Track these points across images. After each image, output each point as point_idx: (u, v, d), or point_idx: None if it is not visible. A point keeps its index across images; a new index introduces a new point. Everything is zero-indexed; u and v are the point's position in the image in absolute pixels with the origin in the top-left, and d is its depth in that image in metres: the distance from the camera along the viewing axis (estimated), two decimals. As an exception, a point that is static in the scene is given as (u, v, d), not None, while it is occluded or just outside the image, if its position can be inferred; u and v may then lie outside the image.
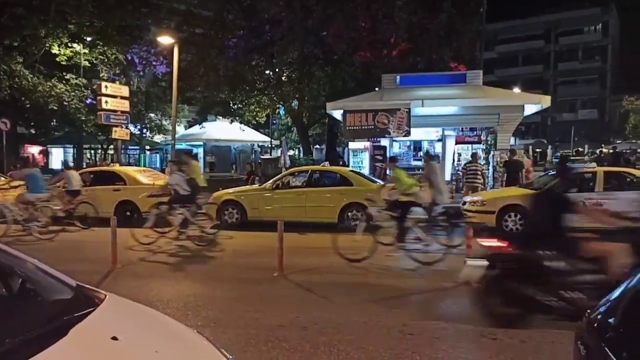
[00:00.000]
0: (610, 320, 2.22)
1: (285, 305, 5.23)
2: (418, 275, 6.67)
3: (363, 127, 14.91)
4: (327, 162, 14.31)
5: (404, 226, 7.48)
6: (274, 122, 35.92)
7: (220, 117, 28.49)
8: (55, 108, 20.25)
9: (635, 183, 9.44)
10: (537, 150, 47.08)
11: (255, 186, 12.26)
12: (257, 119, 26.12)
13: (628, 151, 38.30)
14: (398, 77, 16.90)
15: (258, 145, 35.28)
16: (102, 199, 11.29)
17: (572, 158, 31.80)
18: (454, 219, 8.14)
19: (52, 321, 1.97)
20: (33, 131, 28.23)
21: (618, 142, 41.38)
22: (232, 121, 26.49)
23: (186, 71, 20.49)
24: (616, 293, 2.36)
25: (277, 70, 22.72)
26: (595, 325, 2.23)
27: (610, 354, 1.93)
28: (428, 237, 7.48)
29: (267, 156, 29.26)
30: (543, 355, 3.89)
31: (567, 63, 54.40)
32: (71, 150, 31.75)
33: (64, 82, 20.71)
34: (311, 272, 6.86)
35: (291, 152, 32.71)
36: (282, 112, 29.82)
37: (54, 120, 26.17)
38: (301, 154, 28.53)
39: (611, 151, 28.73)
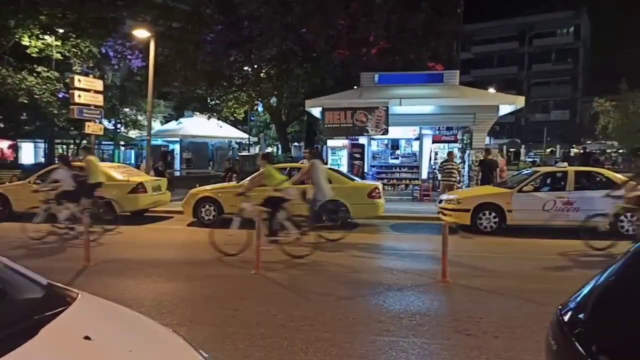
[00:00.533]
0: (580, 315, 2.29)
1: (262, 303, 5.21)
2: (396, 271, 6.73)
3: (342, 125, 14.95)
4: (306, 160, 14.28)
5: (275, 221, 7.75)
6: (252, 118, 35.71)
7: (198, 113, 28.08)
8: (25, 101, 19.61)
9: (604, 182, 9.74)
10: (511, 149, 48.08)
11: (233, 183, 12.17)
12: (235, 115, 25.87)
13: (598, 151, 39.50)
14: (377, 76, 16.99)
15: (236, 142, 35.00)
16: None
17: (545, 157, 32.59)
18: (333, 214, 8.67)
19: (22, 321, 1.91)
20: (2, 125, 27.31)
21: (588, 142, 42.55)
22: (209, 117, 26.18)
23: (163, 66, 20.13)
24: (585, 290, 2.43)
25: (255, 66, 22.54)
26: (566, 320, 2.29)
27: (580, 348, 1.99)
28: (295, 231, 7.75)
29: (245, 153, 29.05)
30: (515, 350, 3.98)
31: (541, 65, 55.62)
32: (42, 145, 30.88)
33: (34, 74, 20.07)
34: (288, 269, 6.86)
35: (269, 149, 32.59)
36: (260, 108, 29.66)
37: (24, 114, 25.38)
38: (279, 151, 28.42)
39: (582, 151, 29.55)
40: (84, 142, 25.49)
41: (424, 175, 15.96)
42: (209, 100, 25.20)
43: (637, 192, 7.77)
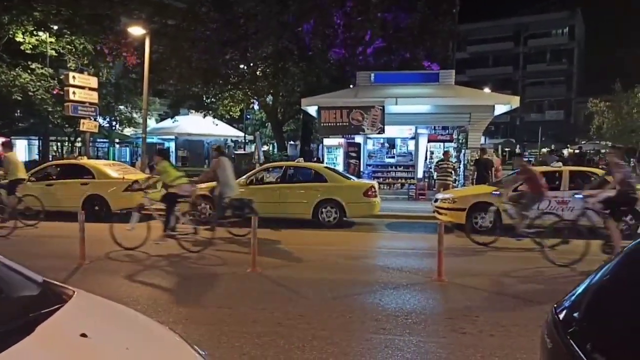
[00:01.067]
0: (575, 314, 2.30)
1: (259, 301, 5.21)
2: (392, 270, 6.75)
3: (338, 124, 14.95)
4: (302, 158, 14.30)
5: (171, 215, 7.98)
6: (248, 117, 35.63)
7: (193, 111, 28.01)
8: (19, 98, 19.48)
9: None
10: (506, 149, 48.27)
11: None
12: (230, 113, 25.80)
13: (592, 151, 39.72)
14: (372, 75, 17.00)
15: (231, 140, 34.94)
16: (69, 193, 10.96)
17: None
18: (240, 210, 8.94)
19: (18, 318, 1.90)
20: (-5, 122, 27.11)
21: (583, 142, 42.77)
22: (205, 115, 26.10)
23: (158, 63, 20.05)
24: (580, 288, 2.45)
25: (251, 64, 22.49)
26: (561, 319, 2.31)
27: (575, 346, 2.00)
28: (192, 227, 8.05)
29: (240, 151, 29.01)
30: (510, 349, 4.00)
31: (535, 65, 55.83)
32: (36, 142, 30.67)
33: (28, 71, 19.93)
34: (285, 267, 6.86)
35: (265, 148, 32.54)
36: (256, 107, 29.59)
37: (18, 111, 25.20)
38: (275, 150, 28.39)
39: (576, 151, 29.73)
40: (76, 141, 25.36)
41: (420, 175, 15.99)
42: (204, 98, 25.12)
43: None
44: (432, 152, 16.28)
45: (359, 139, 15.85)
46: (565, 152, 39.66)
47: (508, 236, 8.09)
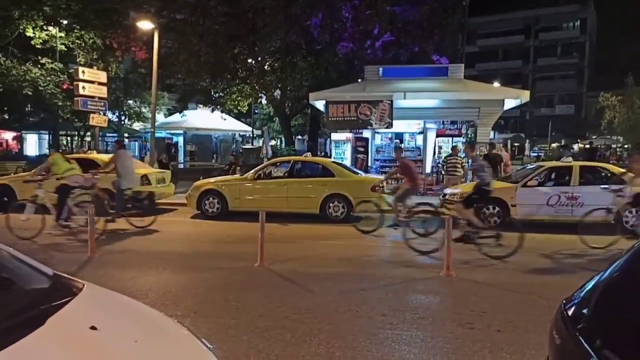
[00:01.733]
0: (584, 310, 2.29)
1: (266, 295, 5.24)
2: (399, 265, 6.74)
3: (345, 118, 14.91)
4: (309, 153, 14.31)
5: (64, 206, 8.40)
6: (256, 111, 35.65)
7: (201, 106, 28.07)
8: (29, 93, 19.64)
9: (609, 178, 9.69)
10: (516, 144, 47.88)
11: (237, 176, 12.18)
12: (238, 108, 25.85)
13: (603, 146, 39.29)
14: (381, 69, 16.92)
15: (239, 135, 35.00)
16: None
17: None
18: (139, 202, 9.36)
19: (29, 310, 1.93)
20: (6, 116, 27.39)
21: (594, 137, 42.31)
22: (213, 110, 26.16)
23: (166, 58, 20.09)
24: (590, 285, 2.43)
25: (259, 59, 22.49)
26: (570, 315, 2.29)
27: (584, 342, 1.99)
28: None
29: (248, 146, 29.06)
30: (518, 344, 3.99)
31: (546, 59, 55.19)
32: (46, 136, 30.98)
33: (39, 66, 20.08)
34: (292, 262, 6.88)
35: (273, 142, 32.61)
36: (264, 101, 29.62)
37: (29, 106, 25.43)
38: (283, 144, 28.40)
39: (586, 147, 29.41)
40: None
41: (428, 169, 15.92)
42: (212, 93, 25.17)
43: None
44: (440, 147, 16.18)
45: (367, 133, 15.81)
46: (576, 147, 39.23)
47: (386, 226, 8.85)
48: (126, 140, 32.64)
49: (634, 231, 7.97)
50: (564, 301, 2.45)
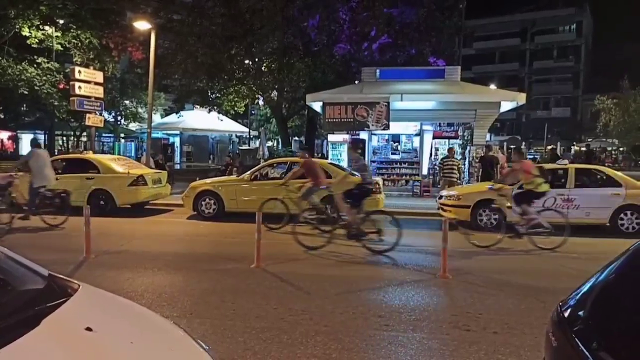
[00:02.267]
0: (580, 312, 2.29)
1: (262, 297, 5.22)
2: (396, 266, 6.74)
3: (342, 120, 14.92)
4: (305, 153, 14.24)
5: None
6: (253, 112, 35.65)
7: (198, 106, 28.05)
8: (25, 92, 19.57)
9: (605, 180, 9.73)
10: (512, 146, 48.04)
11: (233, 177, 12.16)
12: (235, 109, 25.83)
13: (598, 149, 39.48)
14: (378, 71, 16.95)
15: (236, 136, 34.99)
16: (74, 187, 11.02)
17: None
18: (52, 200, 9.49)
19: (23, 311, 1.91)
20: (2, 116, 27.28)
21: (589, 140, 42.52)
22: (210, 110, 26.13)
23: (163, 58, 20.05)
24: (586, 286, 2.43)
25: (256, 59, 22.47)
26: (566, 317, 2.30)
27: (580, 344, 1.99)
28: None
29: (245, 147, 29.05)
30: (514, 346, 3.99)
31: (542, 61, 55.44)
32: (42, 136, 30.85)
33: (35, 65, 20.01)
34: (288, 263, 6.87)
35: (270, 143, 32.56)
36: (261, 102, 29.61)
37: (25, 105, 25.32)
38: (280, 145, 28.39)
39: (583, 149, 29.51)
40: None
41: (425, 171, 15.96)
42: (209, 94, 25.13)
43: None
44: (436, 149, 16.24)
45: (363, 135, 15.83)
46: (572, 149, 39.45)
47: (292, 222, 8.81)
48: (122, 140, 32.63)
49: (517, 231, 8.10)
50: (560, 303, 2.45)
